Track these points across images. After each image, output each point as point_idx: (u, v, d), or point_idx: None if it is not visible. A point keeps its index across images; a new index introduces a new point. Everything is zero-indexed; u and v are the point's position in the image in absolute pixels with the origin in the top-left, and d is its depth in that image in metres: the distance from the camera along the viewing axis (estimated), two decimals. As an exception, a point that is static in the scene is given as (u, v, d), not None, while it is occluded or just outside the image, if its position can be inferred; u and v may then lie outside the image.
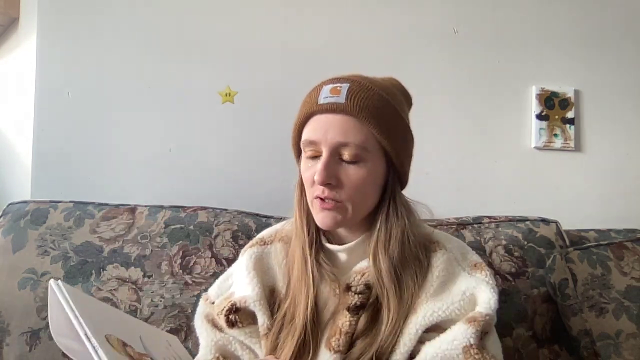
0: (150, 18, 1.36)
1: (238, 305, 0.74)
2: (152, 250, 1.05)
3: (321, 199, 0.70)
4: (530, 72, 1.41)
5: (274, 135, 1.37)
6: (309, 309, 0.71)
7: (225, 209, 1.13)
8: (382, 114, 0.69)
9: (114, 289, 1.01)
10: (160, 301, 1.01)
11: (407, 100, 0.79)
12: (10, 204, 1.13)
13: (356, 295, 0.72)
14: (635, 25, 1.44)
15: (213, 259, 1.04)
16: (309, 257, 0.74)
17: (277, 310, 0.75)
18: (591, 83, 1.42)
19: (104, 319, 0.67)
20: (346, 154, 0.69)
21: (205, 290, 0.86)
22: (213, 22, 1.37)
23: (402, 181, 0.76)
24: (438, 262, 0.72)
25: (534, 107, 1.40)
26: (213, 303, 0.79)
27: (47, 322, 0.99)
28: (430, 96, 1.37)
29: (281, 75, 1.37)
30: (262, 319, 0.74)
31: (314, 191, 0.71)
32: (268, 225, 1.04)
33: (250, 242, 0.84)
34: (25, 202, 1.14)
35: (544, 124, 1.40)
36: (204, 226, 1.08)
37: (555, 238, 1.07)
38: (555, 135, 1.41)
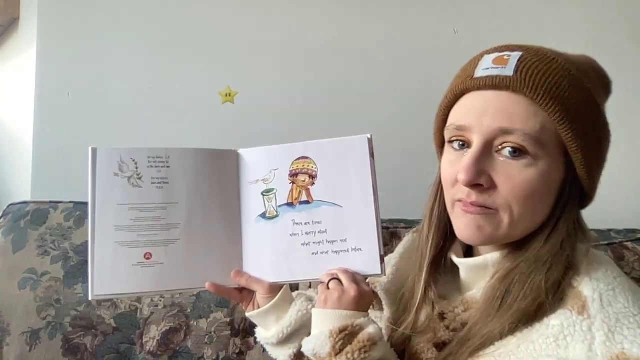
0: (151, 18, 1.36)
1: (370, 286, 0.64)
2: (152, 250, 1.05)
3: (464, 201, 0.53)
4: (530, 72, 1.41)
5: (274, 135, 1.36)
6: (407, 326, 0.60)
7: (225, 209, 1.13)
8: (569, 96, 0.50)
9: (114, 289, 1.01)
10: (160, 301, 1.01)
11: (603, 85, 0.58)
12: (10, 204, 1.13)
13: (445, 331, 0.56)
14: (635, 25, 1.44)
15: (213, 259, 1.04)
16: (424, 273, 0.59)
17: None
18: (591, 83, 1.42)
19: None
20: (508, 146, 0.50)
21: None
22: (213, 22, 1.37)
23: (586, 196, 0.57)
24: (557, 322, 0.47)
25: (534, 107, 1.40)
26: None
27: (47, 322, 1.00)
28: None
29: (281, 75, 1.36)
30: (385, 309, 0.66)
31: (456, 193, 0.54)
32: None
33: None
34: (25, 202, 1.13)
35: (544, 124, 1.40)
36: (203, 226, 1.08)
37: (556, 238, 1.06)
38: (555, 135, 1.40)
